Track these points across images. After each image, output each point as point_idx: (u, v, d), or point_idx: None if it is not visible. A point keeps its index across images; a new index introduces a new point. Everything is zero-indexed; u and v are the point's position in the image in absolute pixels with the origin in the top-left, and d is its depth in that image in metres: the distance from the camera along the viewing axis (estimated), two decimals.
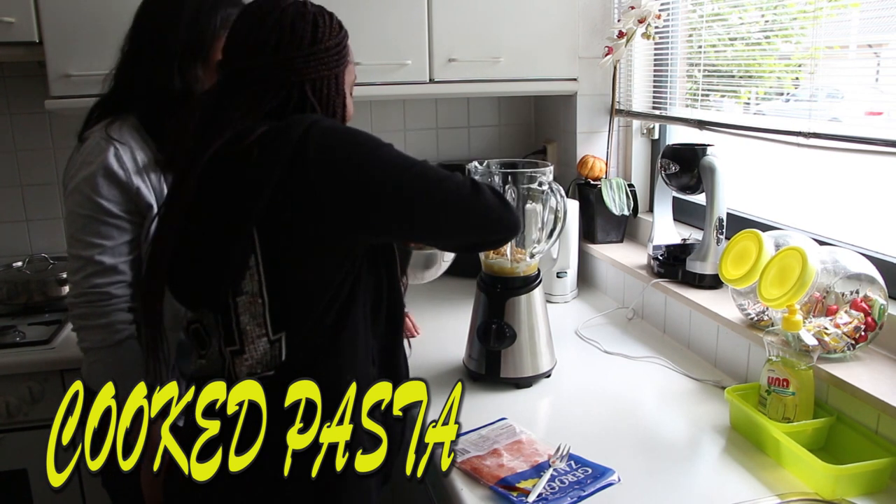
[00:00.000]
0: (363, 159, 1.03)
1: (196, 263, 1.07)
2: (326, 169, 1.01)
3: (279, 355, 1.05)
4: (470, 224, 1.10)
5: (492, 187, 1.11)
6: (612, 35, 2.00)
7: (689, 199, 1.96)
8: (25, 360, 1.75)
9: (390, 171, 1.03)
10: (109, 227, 1.29)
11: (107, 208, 1.29)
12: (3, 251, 2.22)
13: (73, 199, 1.30)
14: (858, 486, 1.12)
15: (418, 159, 1.07)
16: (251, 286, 1.03)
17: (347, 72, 1.15)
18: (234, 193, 1.03)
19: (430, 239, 1.18)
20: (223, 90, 1.09)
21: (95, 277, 1.29)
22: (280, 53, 1.06)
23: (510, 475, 1.17)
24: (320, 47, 1.09)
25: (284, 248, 1.03)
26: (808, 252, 1.31)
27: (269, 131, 1.03)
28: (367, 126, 2.42)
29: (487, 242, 1.19)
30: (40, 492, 1.80)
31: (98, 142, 1.30)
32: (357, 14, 1.95)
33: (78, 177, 1.30)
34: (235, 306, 1.05)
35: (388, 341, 1.18)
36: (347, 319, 1.07)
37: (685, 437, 1.34)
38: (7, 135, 2.21)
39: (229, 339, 1.07)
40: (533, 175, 1.51)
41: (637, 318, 1.90)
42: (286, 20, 1.07)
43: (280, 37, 1.07)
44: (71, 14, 1.78)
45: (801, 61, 1.58)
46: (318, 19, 1.10)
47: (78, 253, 1.30)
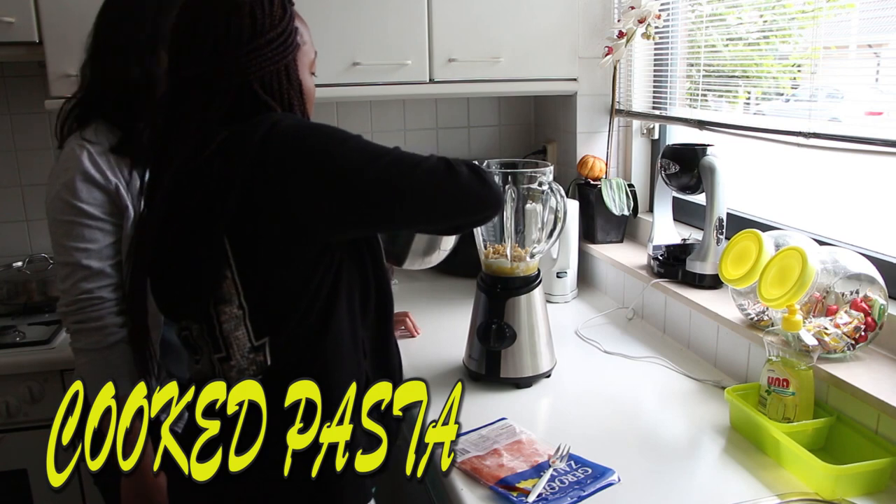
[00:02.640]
0: (329, 156, 0.98)
1: (172, 276, 1.07)
2: (291, 172, 0.97)
3: (265, 361, 1.04)
4: (449, 208, 1.05)
5: (469, 164, 1.06)
6: (612, 35, 2.00)
7: (689, 199, 1.96)
8: (25, 360, 1.76)
9: (359, 165, 0.98)
10: (93, 230, 1.29)
11: (89, 212, 1.28)
12: (3, 251, 2.23)
13: (55, 206, 1.30)
14: (858, 486, 1.12)
15: (389, 147, 1.03)
16: (230, 295, 1.02)
17: (301, 56, 1.09)
18: (201, 205, 1.00)
19: (411, 227, 1.16)
20: (174, 99, 1.04)
21: (85, 282, 1.29)
22: (219, 56, 1.00)
23: (510, 475, 1.17)
24: (261, 41, 1.02)
25: (258, 256, 1.01)
26: (808, 252, 1.31)
27: (228, 138, 1.00)
28: (367, 126, 2.43)
29: (471, 223, 1.15)
30: (40, 492, 1.80)
31: (73, 147, 1.31)
32: (357, 14, 1.96)
33: (56, 184, 1.30)
34: (217, 315, 1.04)
35: (378, 331, 1.16)
36: (333, 316, 1.06)
37: (685, 437, 1.34)
38: (7, 135, 2.21)
39: (216, 347, 1.06)
40: (533, 175, 1.51)
41: (637, 318, 1.90)
42: (220, 18, 1.01)
43: (216, 38, 1.00)
44: (71, 14, 1.78)
45: (800, 61, 1.58)
46: (255, 10, 1.02)
47: (65, 260, 1.30)
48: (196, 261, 1.02)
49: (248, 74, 1.01)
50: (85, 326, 1.29)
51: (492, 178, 1.09)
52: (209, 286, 1.02)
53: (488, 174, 1.08)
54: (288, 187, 0.97)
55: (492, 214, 1.10)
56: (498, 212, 1.11)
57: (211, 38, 1.01)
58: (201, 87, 1.02)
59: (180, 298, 1.08)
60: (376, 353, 1.16)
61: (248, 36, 1.01)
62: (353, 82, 1.98)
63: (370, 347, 1.14)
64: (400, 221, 1.09)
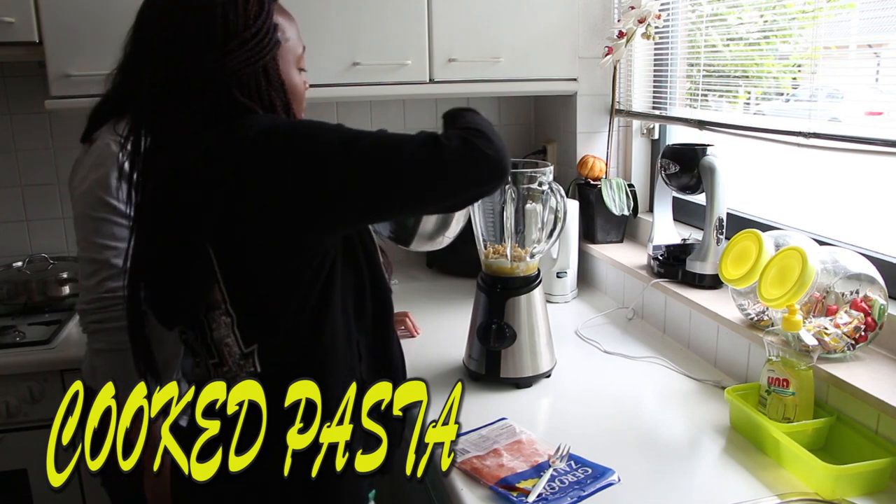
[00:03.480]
0: (308, 153, 0.94)
1: (163, 284, 1.07)
2: (273, 176, 0.95)
3: (255, 368, 1.03)
4: (440, 187, 0.98)
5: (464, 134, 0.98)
6: (612, 35, 2.00)
7: (689, 199, 1.96)
8: (25, 360, 1.75)
9: (339, 156, 0.94)
10: (123, 227, 1.27)
11: (121, 209, 1.27)
12: (3, 251, 2.22)
13: (85, 201, 1.29)
14: (858, 486, 1.12)
15: (371, 130, 0.98)
16: (217, 303, 1.02)
17: (283, 53, 1.05)
18: (185, 214, 0.99)
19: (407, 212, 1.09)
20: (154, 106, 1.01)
21: (110, 281, 1.27)
22: (193, 60, 0.97)
23: (510, 475, 1.17)
24: (235, 43, 0.98)
25: (243, 264, 1.00)
26: (808, 252, 1.31)
27: (209, 148, 0.98)
28: (367, 126, 2.36)
29: (470, 198, 1.06)
30: (40, 492, 1.80)
31: (108, 142, 1.29)
32: (357, 14, 1.96)
33: (89, 179, 1.29)
34: (208, 322, 1.04)
35: (378, 334, 1.15)
36: (325, 321, 1.05)
37: (685, 437, 1.34)
38: (7, 135, 2.21)
39: (209, 353, 1.06)
40: (533, 175, 1.51)
41: (637, 318, 1.90)
42: (192, 21, 0.98)
43: (190, 41, 0.98)
44: (71, 14, 1.78)
45: (800, 61, 1.58)
46: (227, 11, 0.98)
47: (92, 256, 1.28)
48: (184, 269, 1.02)
49: (224, 78, 0.98)
50: (106, 326, 1.28)
51: (492, 143, 0.99)
52: (197, 294, 1.02)
53: (488, 140, 0.99)
54: (270, 193, 0.95)
55: (491, 187, 1.02)
56: (500, 182, 1.02)
57: (184, 42, 0.98)
58: (179, 93, 0.99)
59: (172, 305, 1.08)
60: (375, 357, 1.14)
61: (221, 38, 0.98)
62: (353, 82, 1.98)
63: (368, 351, 1.13)
64: (389, 210, 1.04)
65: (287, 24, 1.08)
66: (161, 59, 1.00)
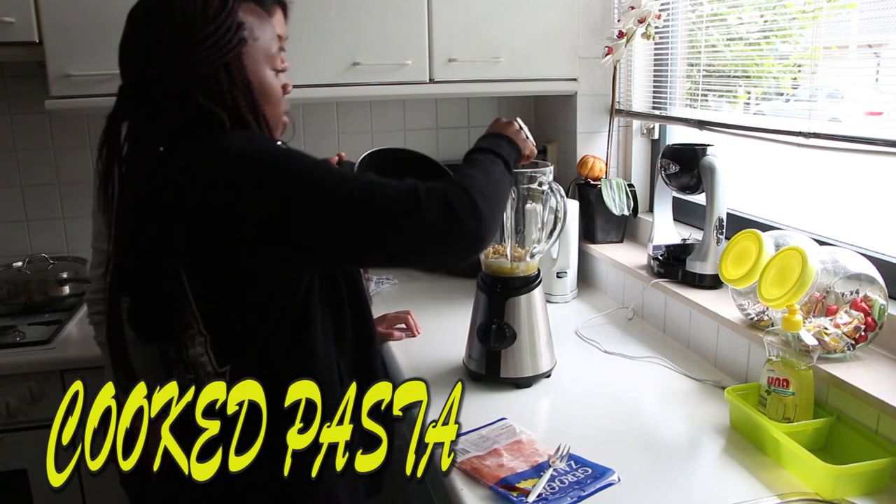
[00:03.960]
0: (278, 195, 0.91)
1: (138, 300, 1.07)
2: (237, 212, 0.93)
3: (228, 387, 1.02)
4: (401, 250, 0.94)
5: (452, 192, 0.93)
6: (612, 35, 2.00)
7: (689, 199, 1.96)
8: (25, 360, 1.76)
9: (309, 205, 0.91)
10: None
11: None
12: (3, 251, 2.22)
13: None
14: (858, 486, 1.12)
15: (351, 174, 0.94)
16: (191, 322, 1.02)
17: (250, 52, 1.01)
18: (156, 234, 0.99)
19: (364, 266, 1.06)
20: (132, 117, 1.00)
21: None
22: (153, 65, 0.95)
23: (510, 475, 1.17)
24: (192, 42, 0.95)
25: (214, 288, 1.00)
26: (808, 252, 1.31)
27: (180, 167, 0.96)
28: (367, 126, 2.43)
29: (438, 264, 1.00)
30: (40, 492, 1.80)
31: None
32: (357, 14, 1.96)
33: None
34: (184, 340, 1.04)
35: (361, 357, 1.15)
36: (302, 344, 1.04)
37: (685, 437, 1.34)
38: (7, 135, 2.21)
39: (185, 368, 1.07)
40: (533, 175, 1.51)
41: (637, 318, 1.90)
42: (151, 23, 0.96)
43: (148, 45, 0.96)
44: (71, 14, 1.78)
45: (801, 61, 1.58)
46: (185, 9, 0.96)
47: (100, 246, 1.29)
48: (157, 287, 1.02)
49: (183, 82, 0.96)
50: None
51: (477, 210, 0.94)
52: (170, 314, 1.02)
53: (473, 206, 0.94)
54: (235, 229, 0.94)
55: (457, 259, 0.96)
56: (470, 255, 0.96)
57: (143, 48, 0.97)
58: (144, 102, 0.98)
59: (148, 321, 1.08)
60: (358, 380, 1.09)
61: (178, 40, 0.95)
62: (353, 82, 1.98)
63: (350, 374, 1.12)
64: (352, 261, 1.02)
65: (258, 23, 1.04)
66: (126, 66, 1.00)
